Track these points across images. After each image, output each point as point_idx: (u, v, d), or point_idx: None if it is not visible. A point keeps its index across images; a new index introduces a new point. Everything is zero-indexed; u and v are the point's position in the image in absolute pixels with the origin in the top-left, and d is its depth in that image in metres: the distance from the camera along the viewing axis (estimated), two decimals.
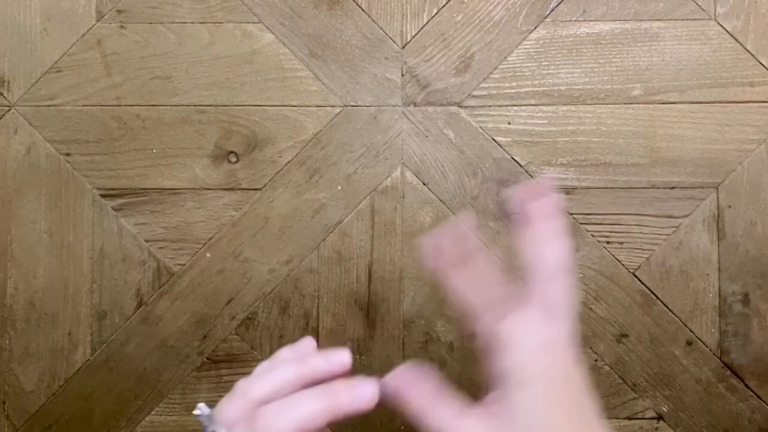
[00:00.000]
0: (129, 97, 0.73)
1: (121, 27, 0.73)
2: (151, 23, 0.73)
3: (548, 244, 0.30)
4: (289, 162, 0.72)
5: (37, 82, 0.73)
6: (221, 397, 0.81)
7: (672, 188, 0.71)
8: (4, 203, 0.73)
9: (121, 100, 0.73)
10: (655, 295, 0.71)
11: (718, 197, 0.71)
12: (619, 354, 0.71)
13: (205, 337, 0.72)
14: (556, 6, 0.72)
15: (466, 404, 0.29)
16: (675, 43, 0.72)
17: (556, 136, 0.72)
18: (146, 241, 0.72)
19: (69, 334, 0.72)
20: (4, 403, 0.72)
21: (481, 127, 0.72)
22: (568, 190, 0.72)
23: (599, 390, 0.71)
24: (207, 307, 0.72)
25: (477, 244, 0.34)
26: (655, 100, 0.72)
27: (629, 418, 0.71)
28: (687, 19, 0.72)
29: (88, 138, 0.73)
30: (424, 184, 0.72)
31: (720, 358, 0.70)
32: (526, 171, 0.72)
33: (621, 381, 0.71)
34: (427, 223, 0.72)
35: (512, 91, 0.72)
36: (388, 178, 0.72)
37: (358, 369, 0.74)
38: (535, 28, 0.72)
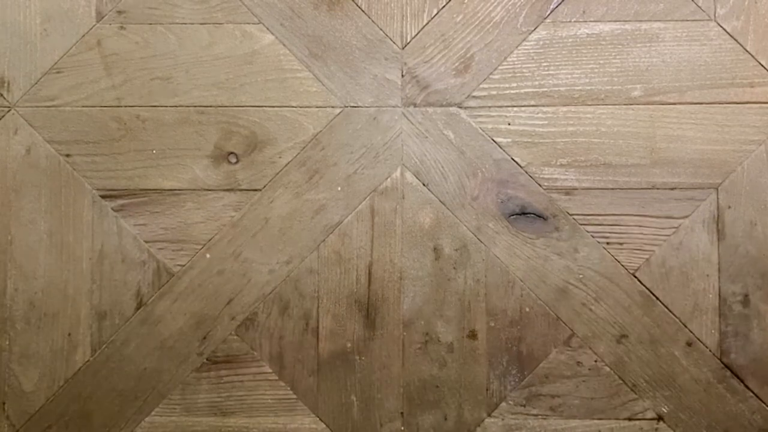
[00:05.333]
0: (129, 98, 0.73)
1: (121, 28, 0.73)
2: (151, 24, 0.73)
3: None
4: (288, 163, 0.73)
5: (37, 83, 0.73)
6: (220, 397, 0.82)
7: (672, 189, 0.71)
8: (4, 203, 0.73)
9: (121, 101, 0.73)
10: (655, 296, 0.71)
11: (718, 198, 0.71)
12: (619, 354, 0.71)
13: (204, 337, 0.72)
14: (556, 7, 0.73)
15: None
16: (675, 44, 0.72)
17: (556, 137, 0.72)
18: (146, 241, 0.72)
19: (69, 334, 0.72)
20: (3, 403, 0.72)
21: (481, 128, 0.72)
22: (567, 191, 0.72)
23: (599, 391, 0.71)
24: (207, 307, 0.72)
25: None
26: (655, 101, 0.72)
27: (629, 419, 0.71)
28: (687, 20, 0.72)
29: (88, 139, 0.73)
30: (424, 184, 0.72)
31: (720, 359, 0.70)
32: (526, 172, 0.72)
33: (621, 382, 0.71)
34: (426, 224, 0.72)
35: (512, 91, 0.72)
36: (388, 179, 0.72)
37: (358, 370, 0.75)
38: (535, 28, 0.73)
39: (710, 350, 0.70)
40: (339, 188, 0.72)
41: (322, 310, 0.72)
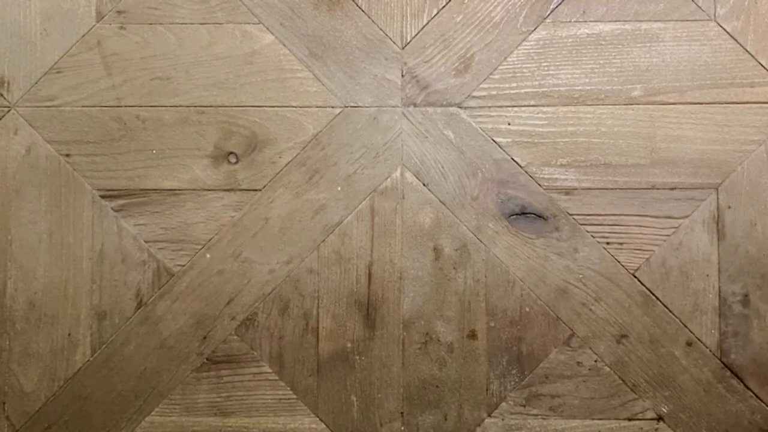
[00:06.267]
0: (129, 98, 0.73)
1: (121, 28, 0.73)
2: (151, 24, 0.73)
3: None
4: (289, 163, 0.73)
5: (37, 83, 0.73)
6: (220, 397, 0.82)
7: (672, 189, 0.71)
8: (4, 203, 0.73)
9: (121, 101, 0.73)
10: (655, 296, 0.71)
11: (718, 198, 0.71)
12: (619, 355, 0.71)
13: (204, 337, 0.72)
14: (556, 7, 0.73)
15: None
16: (675, 44, 0.72)
17: (556, 137, 0.72)
18: (146, 241, 0.72)
19: (69, 334, 0.72)
20: (3, 403, 0.72)
21: (480, 128, 0.72)
22: (568, 191, 0.72)
23: (599, 391, 0.71)
24: (207, 307, 0.72)
25: None
26: (655, 101, 0.72)
27: (629, 419, 0.71)
28: (687, 20, 0.72)
29: (88, 139, 0.73)
30: (424, 184, 0.72)
31: (720, 359, 0.70)
32: (526, 172, 0.72)
33: (621, 382, 0.71)
34: (426, 224, 0.72)
35: (512, 91, 0.72)
36: (388, 179, 0.72)
37: (358, 370, 0.75)
38: (535, 28, 0.73)
39: (710, 350, 0.70)
40: (339, 188, 0.72)
41: (322, 310, 0.72)
